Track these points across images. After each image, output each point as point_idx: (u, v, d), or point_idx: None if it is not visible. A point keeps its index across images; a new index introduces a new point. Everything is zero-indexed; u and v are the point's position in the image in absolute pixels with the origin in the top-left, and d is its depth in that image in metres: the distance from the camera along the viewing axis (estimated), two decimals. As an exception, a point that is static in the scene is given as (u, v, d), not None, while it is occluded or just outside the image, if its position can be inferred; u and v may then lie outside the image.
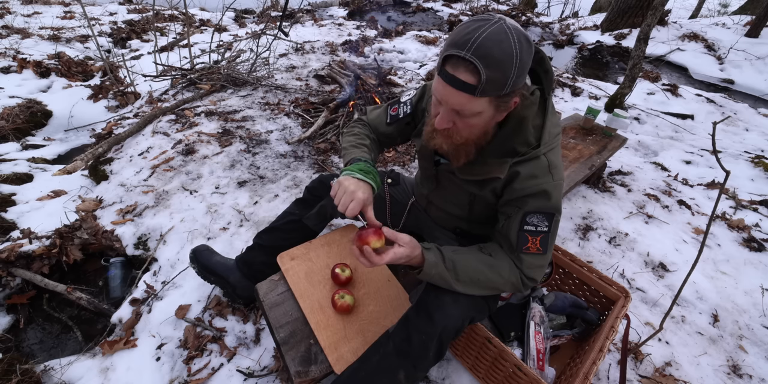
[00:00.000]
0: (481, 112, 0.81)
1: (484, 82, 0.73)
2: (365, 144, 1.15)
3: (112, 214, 1.95)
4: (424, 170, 1.16)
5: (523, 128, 0.90)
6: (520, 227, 0.93)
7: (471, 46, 0.72)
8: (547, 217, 0.93)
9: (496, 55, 0.71)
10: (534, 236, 0.92)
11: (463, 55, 0.72)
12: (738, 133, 3.36)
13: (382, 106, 1.25)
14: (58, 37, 4.10)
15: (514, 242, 0.94)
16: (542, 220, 0.92)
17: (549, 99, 0.92)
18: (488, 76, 0.72)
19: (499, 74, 0.73)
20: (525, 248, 0.93)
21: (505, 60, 0.72)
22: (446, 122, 0.84)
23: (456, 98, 0.78)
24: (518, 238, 0.93)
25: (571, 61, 4.96)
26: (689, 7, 8.26)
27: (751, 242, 2.06)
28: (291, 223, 1.36)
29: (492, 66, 0.72)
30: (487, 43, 0.71)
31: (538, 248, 0.93)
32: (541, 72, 0.93)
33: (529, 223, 0.92)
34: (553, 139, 0.94)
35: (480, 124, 0.85)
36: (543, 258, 0.95)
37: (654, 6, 2.80)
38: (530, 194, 0.91)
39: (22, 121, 2.76)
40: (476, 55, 0.71)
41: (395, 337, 0.99)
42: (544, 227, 0.93)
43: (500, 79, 0.74)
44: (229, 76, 3.14)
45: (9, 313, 1.60)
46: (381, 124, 1.22)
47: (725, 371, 1.47)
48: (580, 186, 2.31)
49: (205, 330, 1.44)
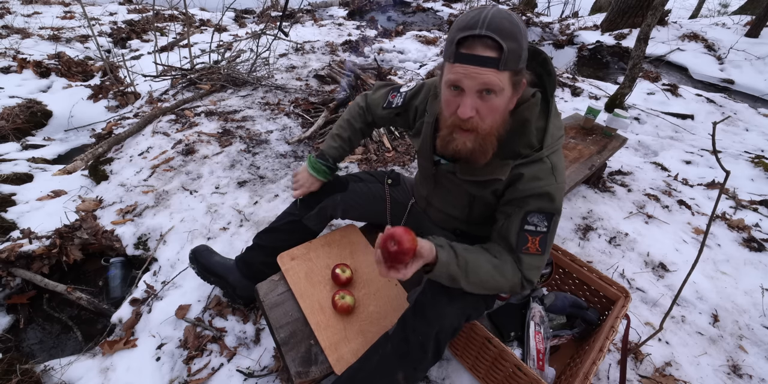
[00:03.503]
0: (503, 90, 0.80)
1: (507, 54, 0.75)
2: (342, 137, 1.31)
3: (112, 214, 1.95)
4: (423, 170, 1.16)
5: (526, 130, 0.90)
6: (521, 227, 0.92)
7: (483, 24, 0.74)
8: (547, 217, 0.92)
9: (507, 27, 0.75)
10: (534, 236, 0.92)
11: (478, 32, 0.74)
12: (738, 133, 3.36)
13: (387, 88, 1.27)
14: (58, 37, 4.10)
15: (513, 242, 0.93)
16: (542, 220, 0.92)
17: (552, 101, 0.92)
18: (509, 47, 0.74)
19: (516, 45, 0.76)
20: (525, 248, 0.92)
21: (516, 31, 0.76)
22: (470, 109, 0.81)
23: (482, 76, 0.77)
24: (518, 238, 0.92)
25: (571, 61, 4.96)
26: (689, 7, 8.26)
27: (751, 242, 2.06)
28: (291, 224, 1.36)
29: (508, 38, 0.75)
30: (496, 19, 0.75)
31: (537, 249, 0.92)
32: (544, 74, 0.92)
33: (530, 222, 0.92)
34: (556, 142, 0.93)
35: (501, 105, 0.83)
36: (541, 259, 0.94)
37: (654, 6, 2.80)
38: (532, 195, 0.91)
39: (22, 121, 2.76)
40: (491, 30, 0.74)
41: (394, 338, 0.99)
42: (544, 227, 0.92)
43: (518, 50, 0.76)
44: (229, 76, 3.14)
45: (9, 313, 1.59)
46: (378, 107, 1.26)
47: (725, 371, 1.47)
48: (580, 186, 2.31)
49: (205, 330, 1.44)
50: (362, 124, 1.32)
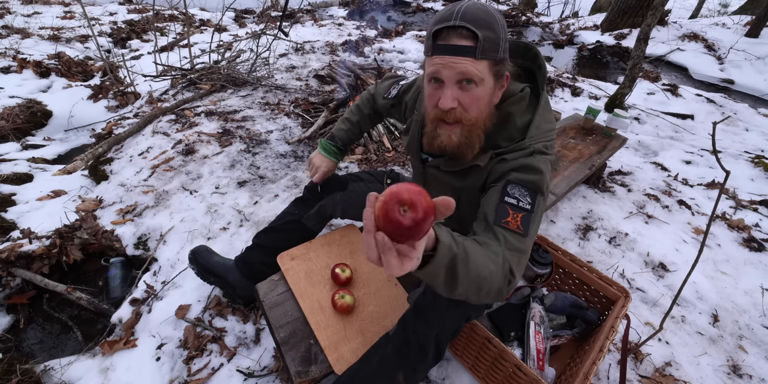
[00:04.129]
0: (483, 80, 0.80)
1: (482, 41, 0.76)
2: (352, 121, 1.36)
3: (112, 214, 1.95)
4: (414, 168, 1.18)
5: (509, 124, 0.89)
6: (501, 198, 0.83)
7: (458, 15, 0.76)
8: (530, 193, 0.83)
9: (483, 16, 0.76)
10: (515, 211, 0.81)
11: (452, 23, 0.76)
12: (738, 133, 3.36)
13: (393, 79, 1.30)
14: (58, 37, 4.10)
15: (492, 216, 0.81)
16: (524, 195, 0.83)
17: (543, 94, 0.92)
18: (484, 35, 0.76)
19: (491, 34, 0.77)
20: (504, 222, 0.80)
21: (491, 21, 0.77)
22: (451, 100, 0.81)
23: (459, 65, 0.77)
24: (497, 210, 0.81)
25: (571, 61, 4.96)
26: (689, 7, 8.26)
27: (751, 242, 2.06)
28: (290, 224, 1.36)
29: (483, 27, 0.76)
30: (470, 9, 0.77)
31: (518, 226, 0.79)
32: (535, 68, 0.93)
33: (510, 194, 0.83)
34: (544, 134, 0.90)
35: (483, 96, 0.82)
36: (523, 241, 0.80)
37: (654, 6, 2.80)
38: (513, 168, 0.86)
39: (22, 121, 2.76)
40: (466, 20, 0.75)
41: (394, 339, 0.99)
42: (527, 204, 0.82)
43: (494, 39, 0.77)
44: (229, 76, 3.14)
45: (9, 313, 1.59)
46: (380, 96, 1.30)
47: (725, 371, 1.47)
48: (580, 186, 2.31)
49: (205, 330, 1.44)
50: (370, 109, 1.36)
